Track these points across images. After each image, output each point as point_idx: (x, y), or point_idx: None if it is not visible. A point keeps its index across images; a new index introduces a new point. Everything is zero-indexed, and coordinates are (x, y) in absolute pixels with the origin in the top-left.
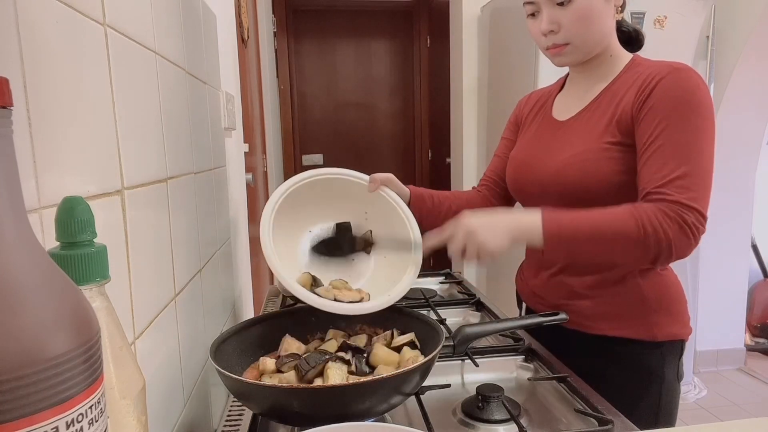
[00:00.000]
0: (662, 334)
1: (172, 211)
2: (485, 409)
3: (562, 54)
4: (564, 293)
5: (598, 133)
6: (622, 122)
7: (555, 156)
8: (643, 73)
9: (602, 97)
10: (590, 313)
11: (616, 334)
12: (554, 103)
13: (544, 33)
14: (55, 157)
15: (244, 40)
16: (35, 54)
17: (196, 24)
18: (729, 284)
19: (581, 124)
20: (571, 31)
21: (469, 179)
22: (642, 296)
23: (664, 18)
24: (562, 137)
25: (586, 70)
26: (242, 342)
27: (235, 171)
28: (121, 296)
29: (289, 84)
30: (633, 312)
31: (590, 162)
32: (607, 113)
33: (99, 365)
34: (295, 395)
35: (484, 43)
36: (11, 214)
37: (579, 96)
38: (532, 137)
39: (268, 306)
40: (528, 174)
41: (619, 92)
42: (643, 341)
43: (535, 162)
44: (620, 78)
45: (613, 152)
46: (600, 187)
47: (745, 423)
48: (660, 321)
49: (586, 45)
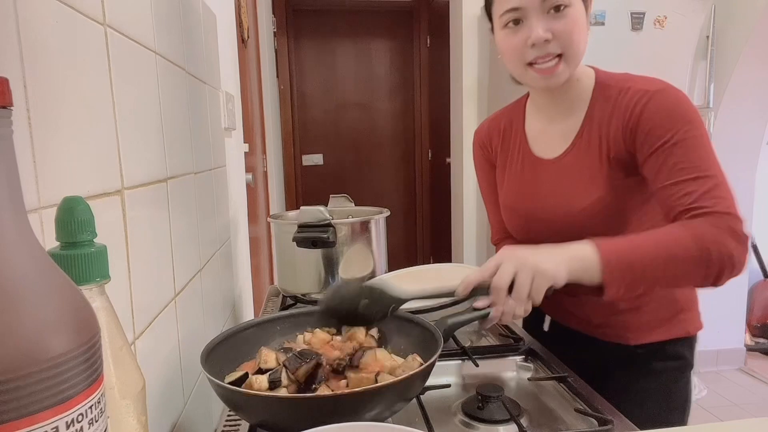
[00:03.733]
0: (692, 328)
1: (172, 211)
2: (485, 409)
3: (555, 74)
4: (605, 311)
5: (604, 174)
6: (618, 155)
7: (569, 203)
8: (620, 100)
9: (585, 130)
10: (634, 325)
11: (660, 338)
12: (527, 137)
13: (536, 42)
14: (55, 157)
15: (244, 40)
16: (35, 54)
17: (196, 24)
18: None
19: (575, 163)
20: (565, 41)
21: (469, 179)
22: (673, 297)
23: (664, 18)
24: (560, 179)
25: (557, 97)
26: (234, 346)
27: (235, 171)
28: (121, 296)
29: (289, 84)
30: (668, 314)
31: (613, 205)
32: (598, 148)
33: (99, 365)
34: (295, 406)
35: (484, 43)
36: (11, 214)
37: (557, 129)
38: (516, 179)
39: (268, 306)
40: (531, 223)
41: (603, 123)
42: (680, 339)
43: (536, 211)
44: (595, 103)
45: (625, 190)
46: (620, 223)
47: (745, 423)
48: (690, 317)
49: (575, 56)
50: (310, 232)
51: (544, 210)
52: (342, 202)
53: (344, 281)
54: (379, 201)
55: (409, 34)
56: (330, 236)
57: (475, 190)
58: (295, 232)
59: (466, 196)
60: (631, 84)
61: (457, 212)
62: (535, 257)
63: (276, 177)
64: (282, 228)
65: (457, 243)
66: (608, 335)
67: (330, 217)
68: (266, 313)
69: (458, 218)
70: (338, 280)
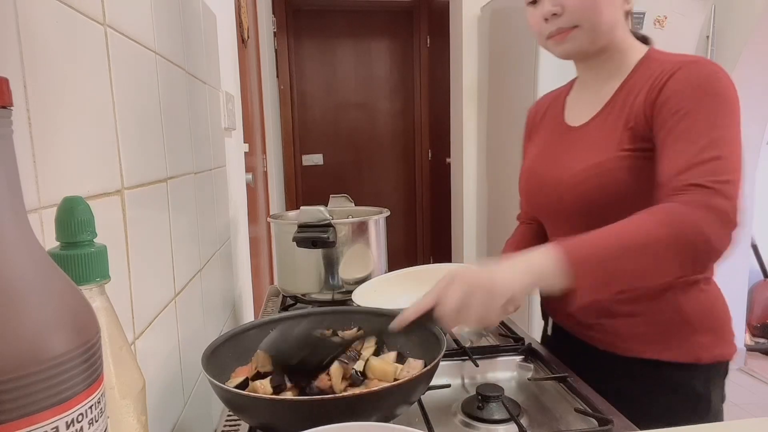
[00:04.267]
0: (707, 356)
1: (172, 211)
2: (485, 409)
3: (567, 40)
4: (595, 312)
5: (615, 141)
6: (637, 125)
7: (571, 167)
8: (656, 69)
9: (616, 99)
10: (626, 333)
11: (655, 356)
12: (566, 106)
13: (546, 17)
14: (55, 157)
15: (244, 40)
16: (35, 54)
17: (196, 24)
18: (729, 284)
19: (596, 130)
20: (577, 13)
21: (469, 179)
22: (683, 315)
23: (664, 18)
24: (577, 145)
25: (594, 68)
26: (235, 347)
27: (235, 171)
28: (121, 296)
29: (289, 84)
30: (673, 332)
31: (608, 173)
32: (621, 117)
33: (99, 365)
34: (298, 408)
35: (484, 43)
36: (11, 214)
37: (591, 98)
38: (543, 145)
39: (268, 306)
40: (543, 186)
41: (633, 91)
42: (684, 364)
43: (549, 173)
44: (635, 74)
45: (630, 161)
46: (621, 200)
47: (745, 423)
48: (704, 342)
49: (593, 29)
50: (310, 232)
51: (554, 171)
52: (342, 202)
53: (280, 334)
54: (379, 201)
55: (409, 34)
56: (330, 236)
57: (475, 190)
58: (295, 232)
59: (466, 196)
60: (673, 57)
61: (457, 212)
62: (486, 275)
63: (276, 177)
64: (282, 228)
65: (457, 243)
66: (600, 341)
67: (330, 217)
68: (266, 313)
69: (458, 218)
70: (275, 332)
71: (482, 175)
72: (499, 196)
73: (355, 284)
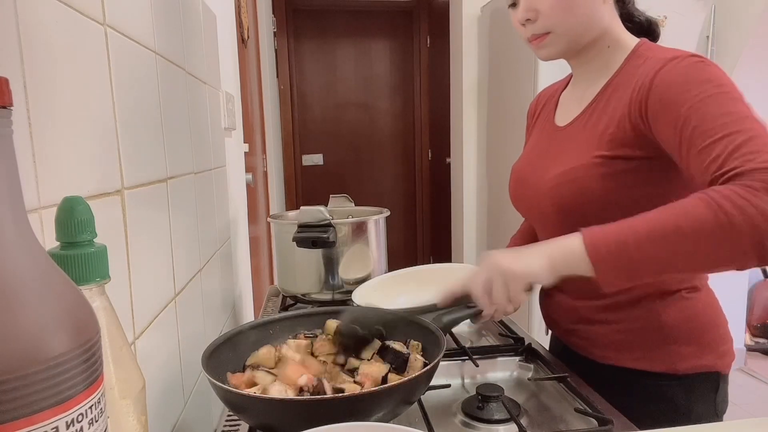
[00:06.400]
0: (685, 366)
1: (172, 211)
2: (485, 409)
3: (542, 45)
4: (573, 317)
5: (592, 145)
6: (618, 131)
7: (549, 170)
8: (639, 68)
9: (600, 99)
10: (601, 341)
11: (630, 365)
12: (558, 104)
13: (521, 22)
14: (55, 157)
15: (244, 40)
16: (35, 54)
17: (196, 24)
18: (729, 284)
19: (577, 131)
20: (551, 18)
21: (469, 179)
22: (660, 324)
23: (664, 18)
24: (559, 147)
25: (583, 63)
26: (235, 347)
27: (235, 171)
28: (121, 296)
29: (289, 84)
30: (648, 341)
31: (579, 180)
32: (602, 119)
33: (99, 365)
34: (298, 408)
35: (484, 43)
36: (11, 214)
37: (579, 96)
38: (532, 144)
39: (268, 306)
40: (525, 189)
41: (617, 92)
42: (660, 374)
43: (531, 176)
44: (620, 73)
45: (605, 168)
46: (601, 208)
47: (745, 423)
48: (682, 351)
49: (568, 33)
50: (310, 232)
51: (535, 174)
52: (342, 202)
53: (360, 309)
54: (379, 201)
55: (409, 34)
56: (330, 236)
57: (475, 190)
58: (295, 232)
59: (466, 196)
60: (657, 53)
61: (457, 212)
62: (508, 260)
63: (276, 177)
64: (282, 228)
65: (457, 243)
66: (579, 346)
67: (330, 217)
68: (266, 313)
69: (458, 218)
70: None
71: (482, 175)
72: (499, 196)
73: (355, 284)
